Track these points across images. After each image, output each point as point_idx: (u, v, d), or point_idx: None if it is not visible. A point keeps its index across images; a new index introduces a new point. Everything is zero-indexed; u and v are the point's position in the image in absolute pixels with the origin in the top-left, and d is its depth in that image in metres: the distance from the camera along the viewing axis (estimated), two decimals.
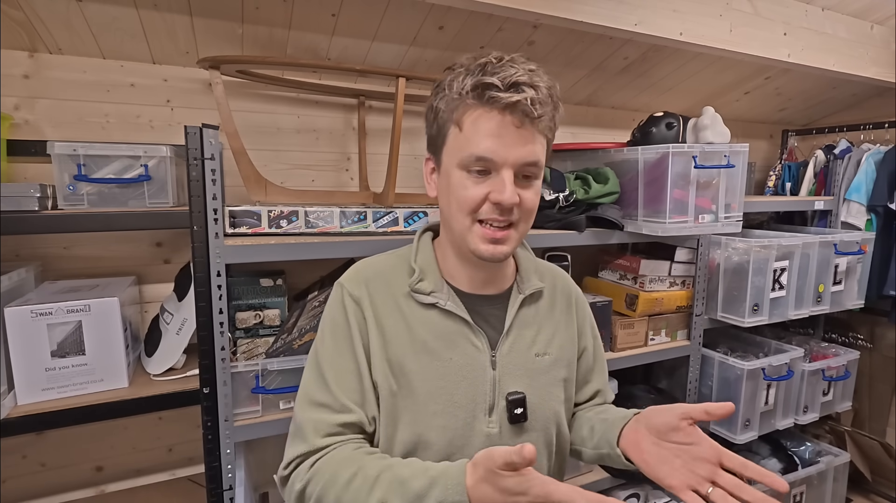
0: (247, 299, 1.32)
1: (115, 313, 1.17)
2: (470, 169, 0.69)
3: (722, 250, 1.76)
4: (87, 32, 1.26)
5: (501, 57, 0.69)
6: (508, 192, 0.67)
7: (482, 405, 0.74)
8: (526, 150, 0.68)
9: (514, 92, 0.65)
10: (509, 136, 0.66)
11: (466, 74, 0.68)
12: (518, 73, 0.66)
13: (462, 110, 0.68)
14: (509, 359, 0.77)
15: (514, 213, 0.70)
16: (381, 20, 1.39)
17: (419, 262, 0.78)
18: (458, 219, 0.71)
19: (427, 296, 0.75)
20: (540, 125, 0.68)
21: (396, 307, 0.75)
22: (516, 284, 0.82)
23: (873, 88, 2.24)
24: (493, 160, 0.67)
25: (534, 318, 0.81)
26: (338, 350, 0.75)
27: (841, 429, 2.28)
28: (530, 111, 0.65)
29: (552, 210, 1.55)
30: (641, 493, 1.76)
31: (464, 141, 0.68)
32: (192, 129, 1.05)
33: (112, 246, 1.41)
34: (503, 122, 0.66)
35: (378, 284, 0.77)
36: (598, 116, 2.13)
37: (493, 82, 0.65)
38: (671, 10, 1.52)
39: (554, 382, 0.81)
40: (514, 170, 0.68)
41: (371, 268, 0.80)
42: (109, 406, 1.14)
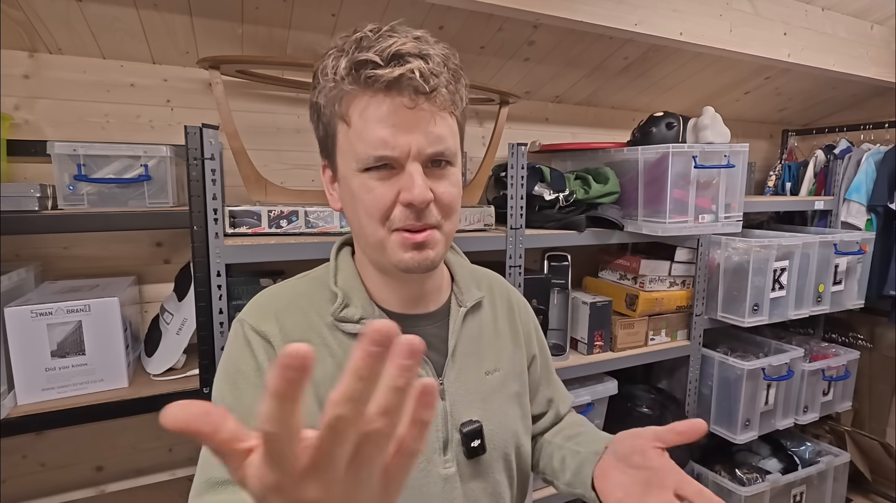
0: (247, 299, 1.31)
1: (115, 313, 1.17)
2: (369, 168, 0.56)
3: (722, 250, 1.76)
4: (87, 32, 1.26)
5: (379, 28, 0.58)
6: (418, 189, 0.54)
7: (435, 444, 0.63)
8: (428, 135, 0.55)
9: (395, 65, 0.53)
10: (404, 121, 0.54)
11: (340, 55, 0.57)
12: (398, 41, 0.55)
13: (345, 102, 0.57)
14: (458, 384, 0.66)
15: (431, 213, 0.57)
16: (381, 20, 1.38)
17: (341, 285, 0.65)
18: (370, 231, 0.58)
19: (356, 325, 0.63)
20: (438, 100, 0.55)
21: (320, 341, 0.62)
22: (454, 296, 0.70)
23: (873, 88, 2.24)
24: (391, 156, 0.55)
25: (479, 332, 0.70)
26: (240, 405, 0.59)
27: (841, 429, 2.28)
28: (420, 85, 0.53)
29: (552, 210, 1.55)
30: None
31: (354, 138, 0.56)
32: (192, 128, 1.05)
33: (112, 246, 1.41)
34: (393, 105, 0.54)
35: (292, 316, 0.63)
36: (598, 116, 2.14)
37: (370, 58, 0.54)
38: (671, 10, 1.52)
39: (508, 400, 0.71)
40: (420, 161, 0.56)
41: (279, 298, 0.66)
42: (109, 406, 1.14)
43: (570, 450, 0.73)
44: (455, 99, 0.58)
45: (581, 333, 1.67)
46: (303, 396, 0.26)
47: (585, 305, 1.64)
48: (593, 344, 1.65)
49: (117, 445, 1.47)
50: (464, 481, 0.64)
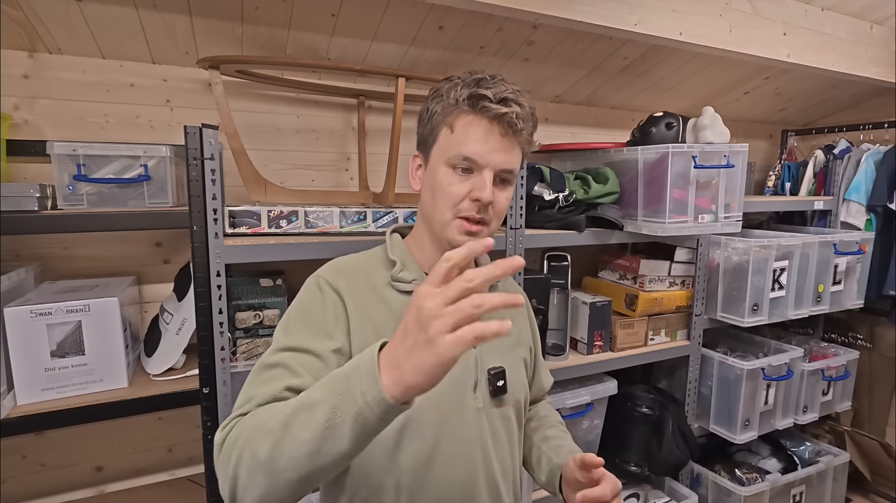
0: (246, 299, 1.32)
1: (114, 313, 1.17)
2: (456, 166, 0.76)
3: (721, 250, 1.76)
4: (87, 32, 1.26)
5: (494, 75, 0.78)
6: (488, 191, 0.75)
7: (469, 382, 0.80)
8: (506, 157, 0.76)
9: (503, 105, 0.74)
10: (494, 142, 0.75)
11: (463, 86, 0.76)
12: (507, 90, 0.75)
13: (455, 115, 0.77)
14: None
15: (488, 213, 0.77)
16: (381, 20, 1.39)
17: (397, 255, 0.84)
18: (441, 211, 0.78)
19: (408, 284, 0.81)
20: (520, 138, 0.77)
21: (379, 297, 0.80)
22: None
23: (873, 88, 2.24)
24: (477, 161, 0.75)
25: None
26: (291, 334, 0.73)
27: (840, 428, 2.28)
28: (514, 123, 0.75)
29: (552, 210, 1.55)
30: (641, 493, 1.76)
31: (454, 141, 0.76)
32: (191, 128, 1.05)
33: (112, 246, 1.41)
34: (490, 129, 0.75)
35: (358, 277, 0.81)
36: (598, 116, 2.14)
37: (487, 94, 0.74)
38: (671, 10, 1.52)
39: (519, 360, 0.89)
40: (494, 172, 0.76)
41: (348, 263, 0.84)
42: (109, 406, 1.14)
43: (545, 456, 0.92)
44: (528, 140, 0.80)
45: (581, 333, 1.67)
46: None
47: (585, 305, 1.64)
48: (593, 344, 1.65)
49: (117, 445, 1.47)
50: (488, 415, 0.81)
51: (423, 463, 0.75)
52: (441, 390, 0.68)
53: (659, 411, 1.69)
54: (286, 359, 0.69)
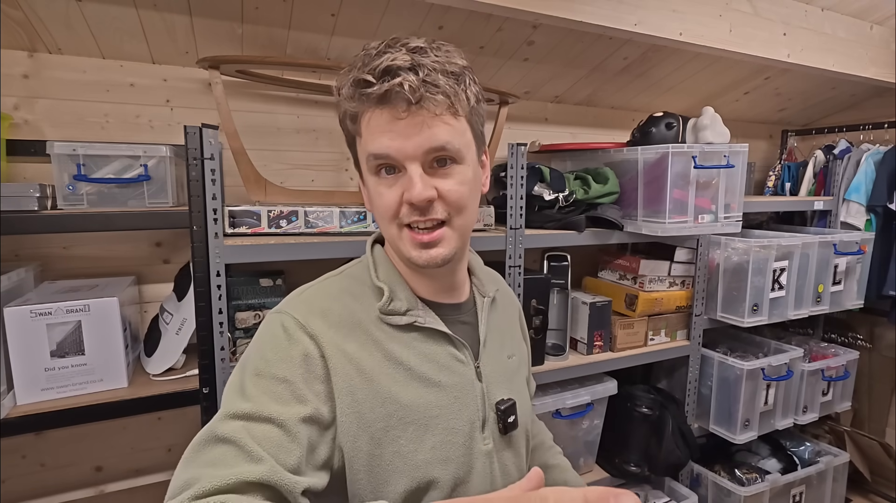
0: (246, 299, 1.32)
1: (114, 313, 1.17)
2: (378, 172, 0.62)
3: (721, 250, 1.76)
4: (87, 32, 1.26)
5: (381, 43, 0.60)
6: (417, 188, 0.59)
7: (476, 423, 0.68)
8: (423, 137, 0.59)
9: (385, 81, 0.57)
10: (400, 128, 0.58)
11: (346, 76, 0.61)
12: (391, 57, 0.57)
13: (356, 118, 0.62)
14: (491, 367, 0.72)
15: (437, 210, 0.62)
16: (381, 20, 1.39)
17: (384, 279, 0.68)
18: (385, 228, 0.65)
19: (403, 317, 0.66)
20: (432, 106, 0.58)
21: (368, 337, 0.65)
22: (475, 288, 0.77)
23: (873, 89, 2.24)
24: (390, 156, 0.60)
25: (497, 321, 0.78)
26: (252, 398, 0.56)
27: (840, 429, 2.28)
28: (408, 96, 0.56)
29: (552, 210, 1.55)
30: (641, 493, 1.76)
31: (364, 146, 0.62)
32: (191, 128, 1.05)
33: (111, 246, 1.41)
34: (389, 114, 0.58)
35: (338, 312, 0.65)
36: (598, 116, 2.14)
37: (364, 77, 0.58)
38: (671, 10, 1.52)
39: (523, 382, 0.80)
40: (419, 161, 0.60)
41: (322, 294, 0.67)
42: (109, 406, 1.14)
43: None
44: (455, 101, 0.60)
45: (581, 333, 1.67)
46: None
47: (585, 305, 1.64)
48: (593, 344, 1.65)
49: (117, 445, 1.47)
50: (499, 455, 0.70)
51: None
52: (447, 438, 0.65)
53: (659, 411, 1.69)
54: (239, 432, 0.52)
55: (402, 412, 0.63)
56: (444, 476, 0.64)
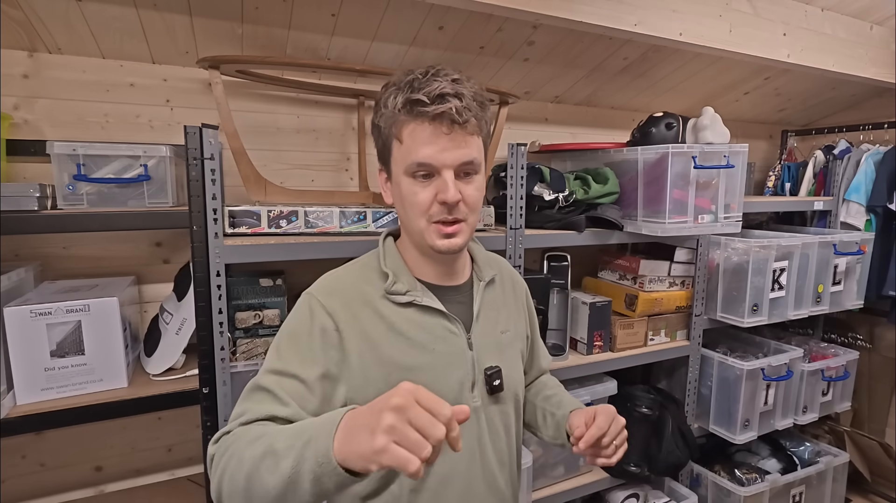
0: (246, 299, 1.32)
1: (114, 313, 1.17)
2: (415, 175, 0.76)
3: (721, 250, 1.76)
4: (87, 32, 1.26)
5: (427, 71, 0.76)
6: (451, 192, 0.75)
7: (466, 384, 0.83)
8: (460, 152, 0.75)
9: (439, 104, 0.72)
10: (442, 141, 0.74)
11: (398, 92, 0.76)
12: (442, 85, 0.73)
13: (399, 125, 0.76)
14: (482, 338, 0.86)
15: (460, 210, 0.77)
16: (381, 20, 1.39)
17: (389, 266, 0.84)
18: (415, 221, 0.78)
19: (403, 296, 0.81)
20: (469, 128, 0.75)
21: (375, 312, 0.80)
22: (475, 273, 0.91)
23: (873, 89, 2.24)
24: (432, 164, 0.75)
25: (494, 301, 0.92)
26: (285, 357, 0.76)
27: (840, 429, 2.28)
28: (456, 118, 0.73)
29: (552, 210, 1.55)
30: (641, 493, 1.76)
31: (405, 152, 0.76)
32: (191, 128, 1.05)
33: (111, 246, 1.41)
34: (435, 130, 0.74)
35: (352, 293, 0.81)
36: (598, 116, 2.14)
37: (420, 98, 0.72)
38: (671, 11, 1.52)
39: (516, 354, 0.93)
40: (453, 170, 0.75)
41: (341, 280, 0.84)
42: (109, 406, 1.14)
43: (548, 412, 0.97)
44: (481, 125, 0.78)
45: (580, 333, 1.67)
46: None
47: (585, 305, 1.64)
48: (593, 344, 1.65)
49: (116, 445, 1.47)
50: (486, 412, 0.85)
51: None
52: (446, 395, 0.77)
53: (659, 411, 1.69)
54: (274, 384, 0.73)
55: (400, 371, 0.78)
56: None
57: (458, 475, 0.81)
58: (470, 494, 0.82)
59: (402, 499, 0.79)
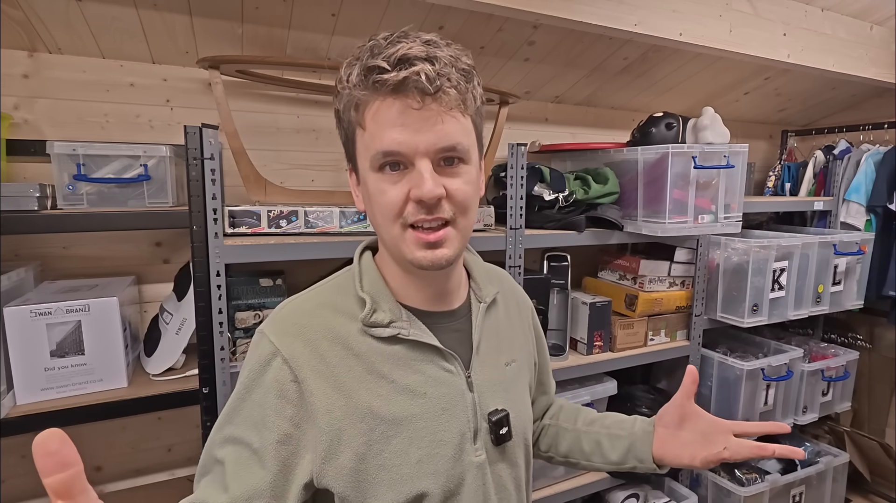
0: (246, 299, 1.32)
1: (114, 313, 1.17)
2: (382, 168, 0.59)
3: (721, 250, 1.76)
4: (87, 32, 1.26)
5: (391, 34, 0.58)
6: (428, 185, 0.56)
7: (468, 434, 0.65)
8: (436, 133, 0.57)
9: (401, 69, 0.54)
10: (413, 121, 0.56)
11: (354, 63, 0.58)
12: (405, 46, 0.55)
13: (360, 108, 0.59)
14: (484, 376, 0.69)
15: (444, 209, 0.59)
16: (381, 20, 1.39)
17: (367, 290, 0.65)
18: (386, 228, 0.61)
19: (386, 329, 0.64)
20: (446, 101, 0.56)
21: (348, 351, 0.63)
22: (473, 292, 0.74)
23: (873, 89, 2.24)
24: (400, 152, 0.57)
25: (496, 326, 0.75)
26: (239, 415, 0.63)
27: (840, 429, 2.28)
28: (426, 87, 0.54)
29: (552, 210, 1.55)
30: (641, 493, 1.76)
31: (369, 140, 0.59)
32: (191, 128, 1.05)
33: (111, 246, 1.41)
34: (401, 106, 0.56)
35: (318, 329, 0.63)
36: (598, 116, 2.14)
37: (378, 63, 0.55)
38: (671, 11, 1.52)
39: (524, 389, 0.77)
40: (429, 158, 0.57)
41: (303, 310, 0.66)
42: (108, 406, 1.14)
43: (606, 433, 0.83)
44: (466, 98, 0.59)
45: (580, 333, 1.67)
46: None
47: (585, 305, 1.64)
48: (593, 344, 1.65)
49: (116, 445, 1.47)
50: (492, 467, 0.68)
51: None
52: (433, 450, 0.63)
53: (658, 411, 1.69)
54: (227, 455, 0.61)
55: (384, 426, 0.62)
56: (433, 489, 0.62)
57: None
58: None
59: None
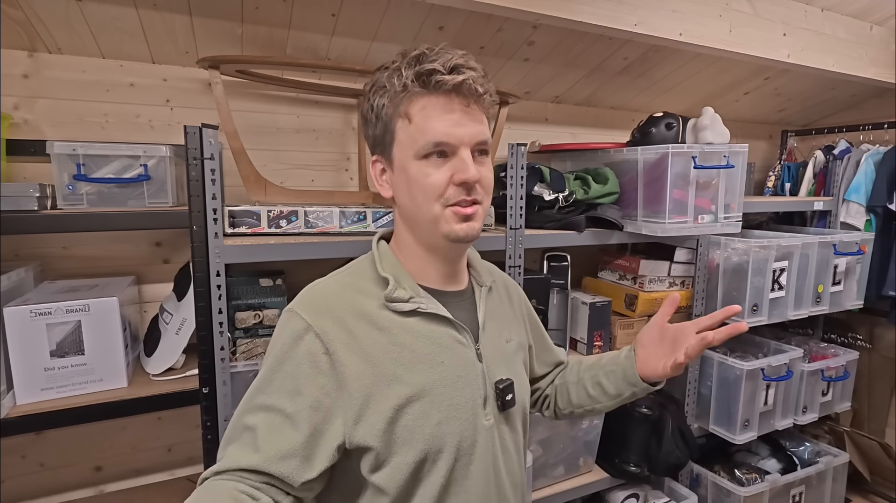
0: (246, 299, 1.32)
1: (114, 313, 1.17)
2: (428, 155, 0.69)
3: (721, 250, 1.76)
4: (87, 32, 1.26)
5: (433, 47, 0.70)
6: (472, 170, 0.68)
7: (479, 400, 0.75)
8: (477, 129, 0.70)
9: (457, 73, 0.67)
10: (459, 115, 0.68)
11: (405, 67, 0.69)
12: (455, 57, 0.68)
13: (408, 102, 0.69)
14: (490, 349, 0.79)
15: (477, 191, 0.71)
16: (381, 20, 1.39)
17: (388, 270, 0.74)
18: (427, 208, 0.70)
19: (406, 304, 0.72)
20: (483, 103, 0.71)
21: (372, 325, 0.71)
22: (473, 279, 0.84)
23: (872, 89, 2.24)
24: (449, 142, 0.68)
25: (495, 308, 0.85)
26: (271, 386, 0.69)
27: (840, 429, 2.28)
28: (474, 89, 0.68)
29: (552, 210, 1.55)
30: (641, 493, 1.76)
31: (416, 131, 0.69)
32: (191, 128, 1.04)
33: (111, 246, 1.41)
34: (450, 104, 0.68)
35: (342, 307, 0.71)
36: (598, 116, 2.14)
37: (436, 68, 0.67)
38: (671, 11, 1.52)
39: (521, 365, 0.86)
40: (470, 147, 0.70)
41: (328, 290, 0.74)
42: (108, 406, 1.14)
43: (602, 372, 0.92)
44: (490, 106, 0.73)
45: (580, 333, 1.67)
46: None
47: (585, 305, 1.64)
48: (593, 344, 1.65)
49: (116, 445, 1.47)
50: (498, 430, 0.77)
51: (441, 489, 0.71)
52: (451, 413, 0.72)
53: (658, 411, 1.69)
54: (258, 422, 0.67)
55: (408, 391, 0.69)
56: (450, 447, 0.71)
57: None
58: None
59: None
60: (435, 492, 0.70)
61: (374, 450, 0.68)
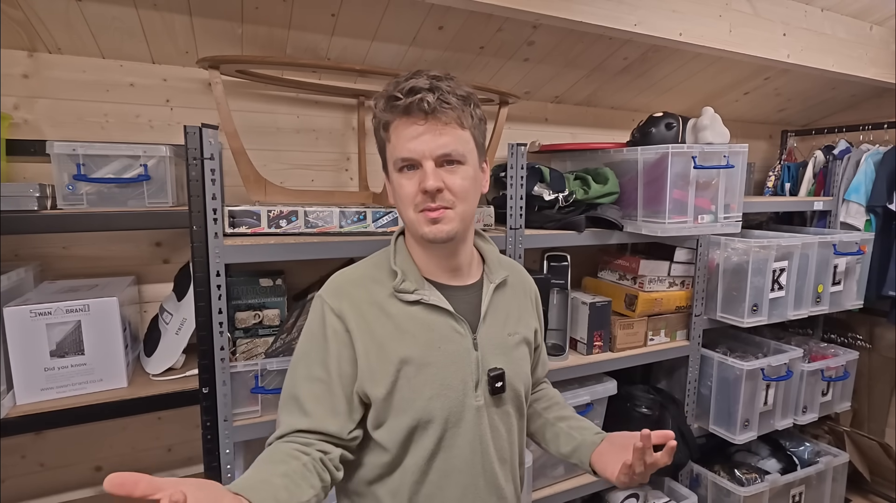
0: (246, 299, 1.32)
1: (114, 313, 1.17)
2: (402, 169, 0.80)
3: (721, 250, 1.76)
4: (87, 32, 1.26)
5: (411, 73, 0.80)
6: (430, 179, 0.78)
7: (470, 383, 0.85)
8: (437, 143, 0.78)
9: (410, 96, 0.76)
10: (420, 133, 0.78)
11: (382, 96, 0.81)
12: (417, 82, 0.77)
13: (385, 125, 0.81)
14: (487, 339, 0.87)
15: (444, 198, 0.80)
16: (381, 20, 1.39)
17: (399, 264, 0.86)
18: (406, 213, 0.82)
19: (411, 294, 0.84)
20: (444, 118, 0.78)
21: (382, 311, 0.84)
22: (485, 275, 0.93)
23: (872, 89, 2.24)
24: (412, 157, 0.79)
25: (503, 303, 0.93)
26: (310, 356, 0.84)
27: (840, 429, 2.28)
28: (425, 108, 0.76)
29: (552, 210, 1.55)
30: (641, 493, 1.76)
31: (391, 149, 0.81)
32: (191, 128, 1.05)
33: (111, 246, 1.41)
34: (410, 123, 0.78)
35: (359, 293, 0.85)
36: (598, 116, 2.14)
37: (395, 94, 0.78)
38: (671, 11, 1.52)
39: (522, 357, 0.93)
40: (433, 160, 0.78)
41: (349, 279, 0.88)
42: (108, 406, 1.14)
43: (564, 432, 0.99)
44: (461, 116, 0.80)
45: (580, 333, 1.67)
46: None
47: (585, 305, 1.64)
48: (592, 344, 1.65)
49: (116, 445, 1.47)
50: (488, 411, 0.87)
51: (428, 457, 0.83)
52: (441, 391, 0.83)
53: (658, 411, 1.69)
54: (303, 391, 0.81)
55: (405, 368, 0.82)
56: (438, 418, 0.82)
57: (459, 470, 0.84)
58: (470, 488, 0.85)
59: (403, 488, 0.82)
60: (426, 453, 0.82)
61: (377, 409, 0.82)
